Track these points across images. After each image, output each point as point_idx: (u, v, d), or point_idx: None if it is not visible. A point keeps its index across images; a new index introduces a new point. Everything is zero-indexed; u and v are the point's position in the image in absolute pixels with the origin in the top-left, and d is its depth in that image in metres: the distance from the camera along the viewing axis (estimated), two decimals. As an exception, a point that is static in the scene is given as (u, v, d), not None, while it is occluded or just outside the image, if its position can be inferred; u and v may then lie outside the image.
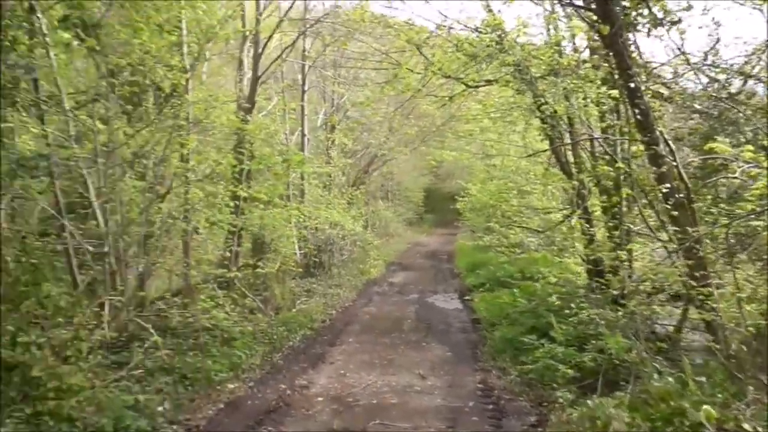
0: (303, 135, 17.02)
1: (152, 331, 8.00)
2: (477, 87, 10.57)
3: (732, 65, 8.13)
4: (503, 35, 9.04)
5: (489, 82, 10.28)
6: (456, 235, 32.52)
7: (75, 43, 8.56)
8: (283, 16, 12.91)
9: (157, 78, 9.46)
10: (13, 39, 6.88)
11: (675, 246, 7.04)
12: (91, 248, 8.24)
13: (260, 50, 12.31)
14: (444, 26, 9.52)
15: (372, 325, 11.89)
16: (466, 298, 14.94)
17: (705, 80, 8.34)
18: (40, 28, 7.81)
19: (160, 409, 6.22)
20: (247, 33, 12.39)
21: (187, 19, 10.18)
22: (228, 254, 11.36)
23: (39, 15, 7.83)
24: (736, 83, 8.37)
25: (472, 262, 19.35)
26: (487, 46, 9.07)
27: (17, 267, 6.32)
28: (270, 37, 12.20)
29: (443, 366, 8.81)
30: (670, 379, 5.74)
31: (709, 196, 7.95)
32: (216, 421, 6.42)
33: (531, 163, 13.45)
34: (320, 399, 7.24)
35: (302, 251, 15.53)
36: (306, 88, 17.08)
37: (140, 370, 7.19)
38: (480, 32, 9.29)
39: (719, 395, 5.28)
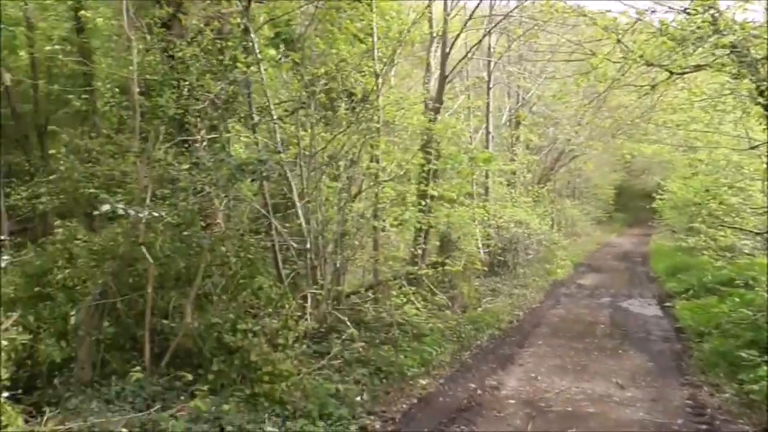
0: (487, 132, 16.87)
1: (348, 324, 8.48)
2: (683, 74, 9.59)
3: None
4: (717, 14, 8.09)
5: (698, 67, 9.27)
6: (650, 235, 30.10)
7: (280, 57, 9.36)
8: (471, 14, 12.91)
9: (350, 84, 10.00)
10: (234, 58, 7.68)
11: None
12: (295, 245, 8.94)
13: (448, 50, 12.42)
14: (645, 11, 8.77)
15: (562, 328, 11.41)
16: (667, 304, 13.70)
17: None
18: (252, 47, 8.64)
19: (358, 399, 6.54)
20: (435, 34, 12.58)
21: (378, 27, 10.61)
22: (418, 252, 11.65)
23: (252, 35, 8.67)
24: None
25: (672, 266, 17.70)
26: (698, 27, 8.18)
27: (237, 262, 7.05)
28: (457, 37, 12.26)
29: (644, 377, 8.16)
30: None
31: None
32: (410, 415, 6.59)
33: (748, 156, 11.90)
34: (512, 401, 7.11)
35: (486, 250, 15.40)
36: (491, 85, 16.90)
37: (339, 361, 7.65)
38: (689, 13, 8.41)
39: None
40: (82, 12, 10.82)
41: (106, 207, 5.51)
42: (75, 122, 13.13)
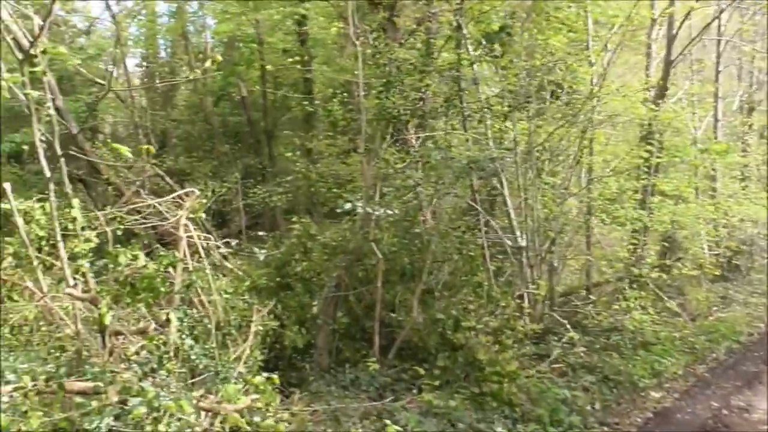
0: (715, 120, 15.07)
1: (568, 326, 8.10)
2: None
3: None
4: None
5: None
6: None
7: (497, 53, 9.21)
8: (701, -9, 11.54)
9: (562, 76, 9.54)
10: (457, 56, 7.72)
11: None
12: (509, 242, 8.75)
13: (674, 31, 11.27)
14: None
15: (819, 346, 9.77)
16: None
17: None
18: (465, 43, 8.62)
19: (588, 408, 6.18)
20: (659, 15, 11.49)
21: (592, 13, 10.00)
22: (639, 252, 10.78)
23: (465, 31, 8.65)
24: None
25: None
26: None
27: (459, 258, 7.07)
28: (686, 16, 11.04)
29: None
30: None
31: None
32: (646, 430, 6.08)
33: None
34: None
35: (715, 252, 13.75)
36: (720, 67, 15.04)
37: (560, 365, 7.33)
38: None
39: None
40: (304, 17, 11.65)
41: (348, 205, 5.85)
42: (296, 126, 14.35)
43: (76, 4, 16.06)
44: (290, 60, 11.68)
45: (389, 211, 6.11)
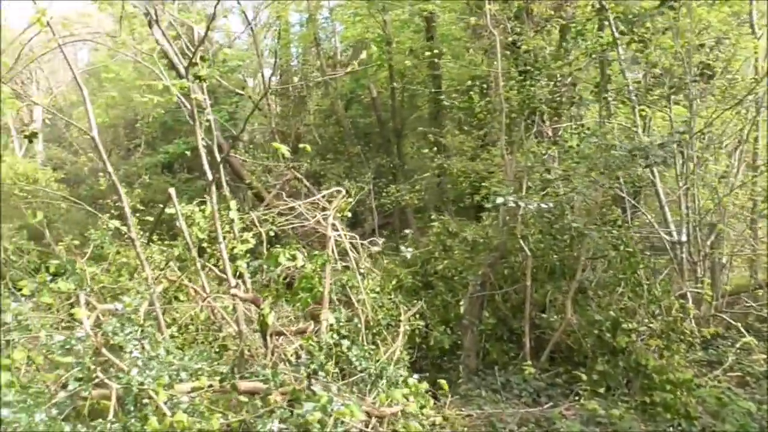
0: None
1: (742, 329, 7.23)
2: None
3: None
4: None
5: None
6: None
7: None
8: None
9: (728, 54, 8.61)
10: (609, 37, 7.17)
11: None
12: (667, 237, 8.01)
13: None
14: None
15: None
16: None
17: None
18: (611, 24, 7.99)
19: (782, 425, 5.41)
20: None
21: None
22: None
23: (608, 13, 8.03)
24: None
25: None
26: None
27: (617, 255, 6.51)
28: None
29: None
30: None
31: None
32: None
33: None
34: None
35: None
36: None
37: (737, 373, 6.54)
38: None
39: None
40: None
41: (499, 199, 5.57)
42: (424, 124, 14.19)
43: (218, 22, 17.11)
44: (424, 54, 11.50)
45: (543, 205, 5.71)
